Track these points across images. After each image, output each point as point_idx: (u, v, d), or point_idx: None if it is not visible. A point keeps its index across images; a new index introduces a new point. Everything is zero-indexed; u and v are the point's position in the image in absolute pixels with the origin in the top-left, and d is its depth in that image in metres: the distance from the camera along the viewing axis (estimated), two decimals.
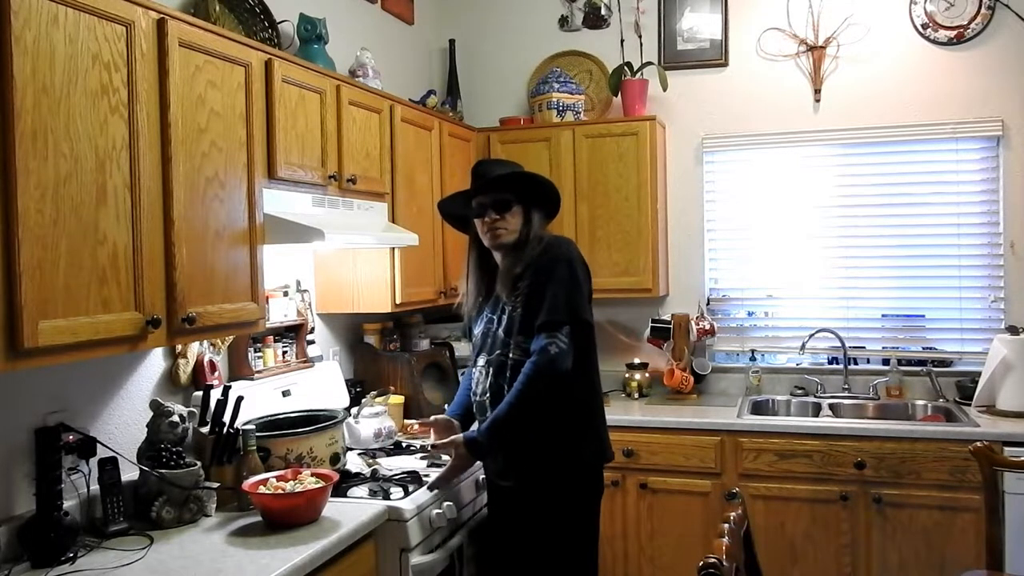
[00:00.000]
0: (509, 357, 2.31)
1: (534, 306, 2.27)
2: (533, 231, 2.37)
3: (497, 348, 2.35)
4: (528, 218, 2.38)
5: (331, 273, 3.11)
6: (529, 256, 2.33)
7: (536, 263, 2.31)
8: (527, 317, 2.28)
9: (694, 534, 3.31)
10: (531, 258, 2.32)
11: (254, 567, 1.83)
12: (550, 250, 2.33)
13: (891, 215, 3.76)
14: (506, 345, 2.32)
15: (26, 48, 1.58)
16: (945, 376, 3.62)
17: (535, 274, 2.30)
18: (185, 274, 1.98)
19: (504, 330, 2.34)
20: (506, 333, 2.33)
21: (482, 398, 2.39)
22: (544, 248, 2.34)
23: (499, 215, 2.35)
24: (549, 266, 2.29)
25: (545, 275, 2.28)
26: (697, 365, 3.84)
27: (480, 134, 3.86)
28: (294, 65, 2.50)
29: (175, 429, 2.19)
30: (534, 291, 2.28)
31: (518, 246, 2.36)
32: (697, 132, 3.96)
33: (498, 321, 2.37)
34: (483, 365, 2.40)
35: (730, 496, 3.24)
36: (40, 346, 1.60)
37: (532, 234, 2.36)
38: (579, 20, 4.10)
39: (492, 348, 2.37)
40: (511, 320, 2.32)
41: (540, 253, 2.33)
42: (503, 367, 2.32)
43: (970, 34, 3.61)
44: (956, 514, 3.07)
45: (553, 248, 2.34)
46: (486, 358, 2.39)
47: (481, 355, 2.42)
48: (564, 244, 2.39)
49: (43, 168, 1.62)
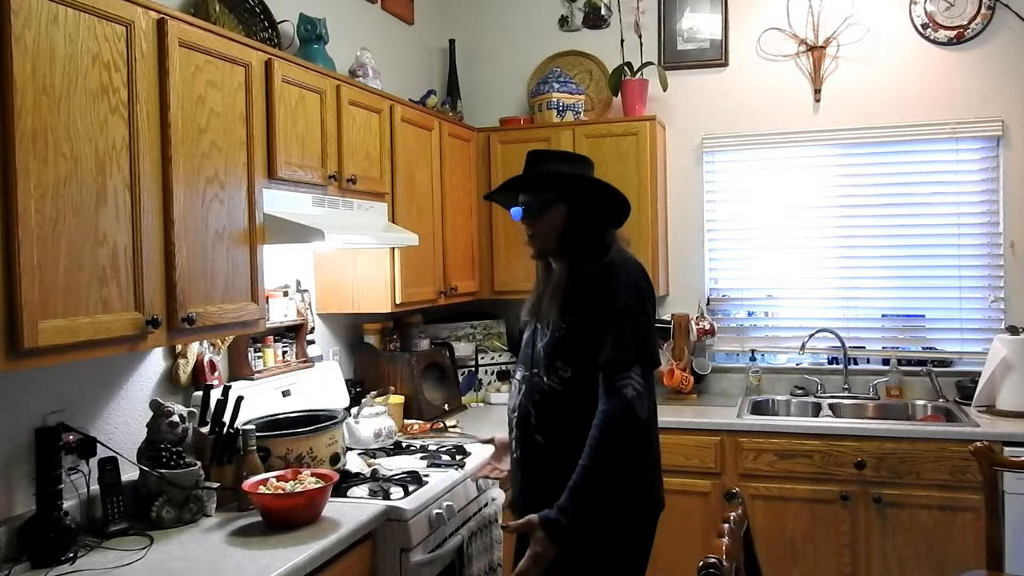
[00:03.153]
0: (544, 381, 2.07)
1: (587, 334, 2.00)
2: (589, 240, 2.08)
3: (535, 366, 2.11)
4: (577, 223, 2.08)
5: (331, 273, 3.11)
6: (585, 271, 2.05)
7: (596, 285, 2.02)
8: (574, 343, 2.02)
9: (694, 534, 3.31)
10: (587, 275, 2.04)
11: (254, 567, 1.83)
12: (613, 272, 2.03)
13: (891, 215, 3.76)
14: (541, 366, 2.08)
15: (26, 48, 1.58)
16: (945, 376, 3.62)
17: (594, 298, 2.01)
18: (185, 274, 1.98)
19: (545, 347, 2.09)
20: (546, 353, 2.08)
21: (511, 415, 2.18)
22: (606, 267, 2.04)
23: (532, 220, 2.11)
24: (614, 293, 1.99)
25: (607, 302, 1.99)
26: (697, 365, 3.84)
27: (480, 134, 3.86)
28: (294, 65, 2.50)
29: (175, 429, 2.19)
30: (591, 318, 2.00)
31: (568, 255, 2.09)
32: (697, 132, 3.96)
33: (541, 335, 2.12)
34: (519, 380, 2.17)
35: (730, 496, 3.24)
36: (40, 346, 1.60)
37: (588, 243, 2.07)
38: (579, 20, 4.10)
39: (531, 364, 2.13)
40: (554, 341, 2.06)
41: (600, 272, 2.03)
42: (536, 390, 2.09)
43: (970, 34, 3.61)
44: (956, 514, 3.07)
45: (618, 270, 2.03)
46: (523, 373, 2.16)
47: (520, 368, 2.19)
48: (632, 267, 2.07)
49: (43, 168, 1.62)
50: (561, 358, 2.05)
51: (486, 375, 3.86)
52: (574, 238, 2.09)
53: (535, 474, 2.11)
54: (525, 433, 2.13)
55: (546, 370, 2.07)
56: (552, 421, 2.07)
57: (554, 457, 2.04)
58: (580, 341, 2.02)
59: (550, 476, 2.03)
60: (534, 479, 2.11)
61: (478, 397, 3.83)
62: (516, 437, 2.16)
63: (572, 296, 2.05)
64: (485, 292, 3.83)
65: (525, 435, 2.13)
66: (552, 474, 2.02)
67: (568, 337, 2.04)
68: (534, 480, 2.11)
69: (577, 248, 2.09)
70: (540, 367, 2.09)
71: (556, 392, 2.05)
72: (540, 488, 2.05)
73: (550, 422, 2.08)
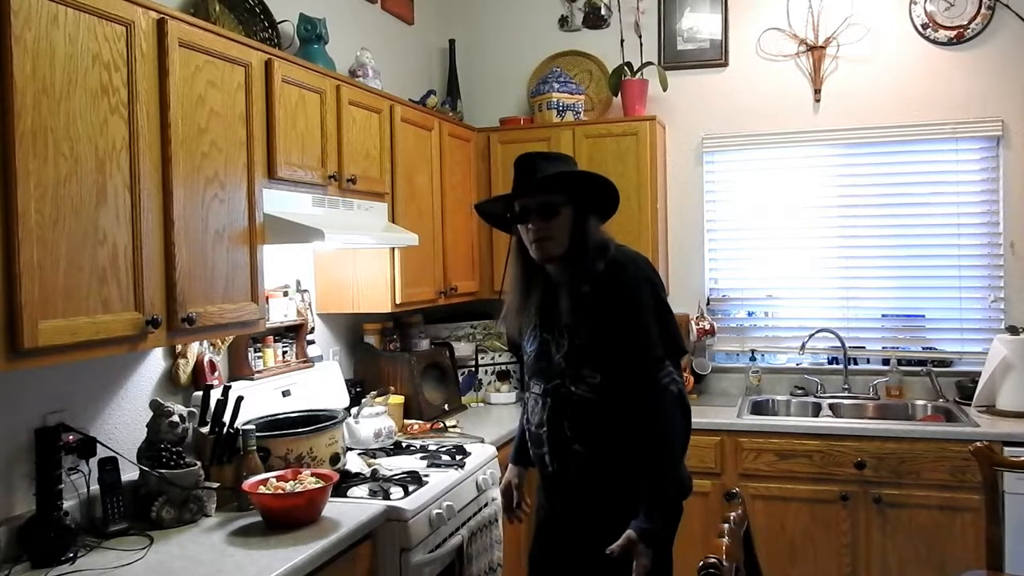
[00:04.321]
0: (572, 391, 2.03)
1: (610, 337, 1.99)
2: (592, 239, 2.06)
3: (556, 377, 2.06)
4: (583, 223, 2.06)
5: (331, 273, 3.11)
6: (594, 271, 2.03)
7: (609, 284, 2.01)
8: (598, 349, 2.01)
9: (694, 534, 3.30)
10: (597, 275, 2.03)
11: (254, 567, 1.83)
12: (623, 269, 2.03)
13: (891, 215, 3.76)
14: (566, 376, 2.05)
15: (26, 48, 1.58)
16: (945, 376, 3.62)
17: (610, 298, 2.01)
18: (185, 274, 1.98)
19: (566, 358, 2.05)
20: (568, 363, 2.04)
21: (538, 431, 2.13)
22: (614, 265, 2.03)
23: (545, 222, 2.03)
24: (629, 289, 2.00)
25: (625, 301, 1.99)
26: (697, 365, 3.84)
27: (480, 134, 3.86)
28: (294, 65, 2.50)
29: (175, 429, 2.19)
30: (610, 319, 2.00)
31: (576, 257, 2.05)
32: (697, 132, 3.96)
33: (557, 345, 2.07)
34: (539, 394, 2.12)
35: (730, 496, 3.24)
36: (40, 346, 1.60)
37: (591, 243, 2.05)
38: (579, 20, 4.10)
39: (550, 376, 2.08)
40: (575, 349, 2.03)
41: (610, 271, 2.03)
42: (565, 401, 2.05)
43: (970, 34, 3.61)
44: (956, 514, 3.07)
45: (627, 267, 2.04)
46: (542, 386, 2.10)
47: (536, 381, 2.13)
48: (641, 262, 2.09)
49: (43, 168, 1.62)
50: (587, 365, 2.02)
51: (486, 375, 3.86)
52: (583, 239, 2.06)
53: (582, 484, 2.09)
54: (560, 447, 2.09)
55: (572, 380, 2.04)
56: (589, 430, 2.05)
57: (597, 464, 2.05)
58: (604, 345, 2.01)
59: (597, 483, 2.06)
60: (582, 489, 2.09)
61: (478, 397, 3.83)
62: (548, 452, 2.12)
63: (587, 300, 2.03)
64: (485, 292, 3.83)
65: (560, 449, 2.09)
66: (599, 481, 2.05)
67: (590, 343, 2.02)
68: (582, 490, 2.09)
69: (585, 248, 2.06)
70: (565, 377, 2.06)
71: (589, 400, 2.03)
72: (591, 497, 2.07)
73: (587, 431, 2.05)
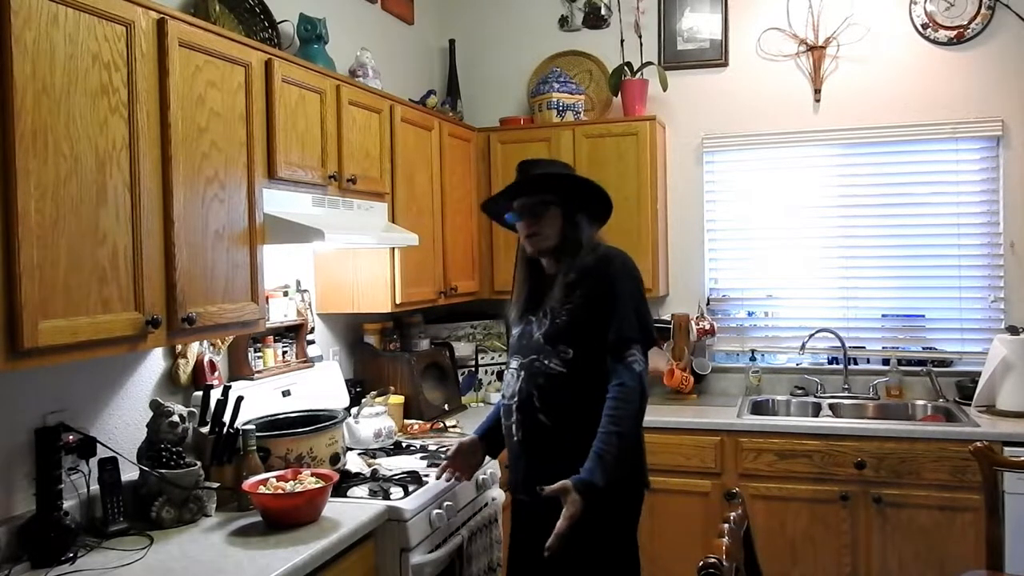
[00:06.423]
0: (546, 365, 2.19)
1: (589, 319, 2.16)
2: (584, 236, 2.24)
3: (532, 352, 2.22)
4: (572, 221, 2.24)
5: (331, 273, 3.11)
6: (582, 264, 2.21)
7: (594, 274, 2.19)
8: (576, 328, 2.16)
9: (694, 534, 3.31)
10: (585, 266, 2.20)
11: (254, 567, 1.83)
12: (610, 263, 2.21)
13: (891, 215, 3.76)
14: (543, 351, 2.20)
15: (26, 48, 1.58)
16: (945, 376, 3.62)
17: (594, 286, 2.18)
18: (185, 274, 1.98)
19: (544, 335, 2.21)
20: (546, 339, 2.20)
21: (510, 401, 2.27)
22: (602, 259, 2.22)
23: (535, 219, 2.24)
24: (613, 280, 2.17)
25: (608, 289, 2.16)
26: (697, 365, 3.84)
27: (480, 134, 3.86)
28: (294, 65, 2.50)
29: (175, 429, 2.19)
30: (592, 304, 2.16)
31: (565, 251, 2.23)
32: (697, 132, 3.96)
33: (539, 325, 2.24)
34: (515, 368, 2.27)
35: (730, 496, 3.24)
36: (40, 346, 1.60)
37: (583, 239, 2.24)
38: (579, 20, 4.09)
39: (527, 351, 2.24)
40: (555, 327, 2.19)
41: (598, 263, 2.20)
42: (537, 373, 2.20)
43: (970, 34, 3.61)
44: (956, 514, 3.07)
45: (615, 261, 2.22)
46: (519, 361, 2.26)
47: (515, 357, 2.30)
48: (627, 259, 2.26)
49: (43, 168, 1.62)
50: (564, 342, 2.18)
51: (486, 375, 3.86)
52: (571, 235, 2.24)
53: (542, 454, 2.20)
54: (527, 416, 2.22)
55: (548, 354, 2.20)
56: (555, 402, 2.19)
57: (559, 437, 2.17)
58: (582, 325, 2.17)
59: (558, 455, 2.14)
60: (542, 459, 2.19)
61: (478, 397, 3.83)
62: (516, 421, 2.25)
63: (573, 285, 2.20)
64: (485, 292, 3.83)
65: (527, 418, 2.22)
66: (559, 453, 2.14)
67: (570, 321, 2.18)
68: (542, 460, 2.19)
69: (574, 244, 2.23)
70: (541, 352, 2.21)
71: (559, 373, 2.17)
72: (549, 467, 2.12)
73: (553, 403, 2.19)
